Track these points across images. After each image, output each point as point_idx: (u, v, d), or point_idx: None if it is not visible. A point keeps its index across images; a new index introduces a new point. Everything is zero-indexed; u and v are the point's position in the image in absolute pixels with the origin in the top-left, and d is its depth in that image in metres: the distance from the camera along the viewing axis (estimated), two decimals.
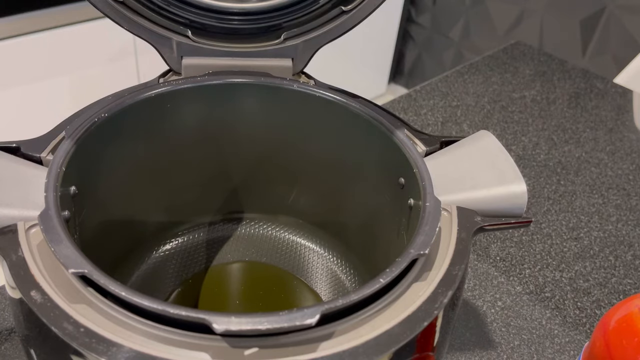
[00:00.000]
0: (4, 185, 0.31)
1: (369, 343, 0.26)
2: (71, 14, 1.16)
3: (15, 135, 0.56)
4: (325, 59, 0.82)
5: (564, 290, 0.54)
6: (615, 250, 0.59)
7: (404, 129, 0.39)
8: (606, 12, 1.45)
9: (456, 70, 0.88)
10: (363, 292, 0.27)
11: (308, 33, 0.43)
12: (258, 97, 0.43)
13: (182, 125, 0.43)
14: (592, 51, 1.51)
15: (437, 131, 0.74)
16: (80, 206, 0.36)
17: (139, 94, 0.39)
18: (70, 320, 0.26)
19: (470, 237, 0.33)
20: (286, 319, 0.25)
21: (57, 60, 1.19)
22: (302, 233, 0.51)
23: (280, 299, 0.46)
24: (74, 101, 1.25)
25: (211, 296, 0.46)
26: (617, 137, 0.76)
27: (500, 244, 0.58)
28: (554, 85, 0.86)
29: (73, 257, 0.27)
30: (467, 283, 0.54)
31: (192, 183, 0.47)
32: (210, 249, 0.49)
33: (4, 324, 0.45)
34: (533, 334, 0.49)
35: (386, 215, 0.41)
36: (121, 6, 0.39)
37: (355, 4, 0.41)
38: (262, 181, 0.48)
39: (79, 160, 0.35)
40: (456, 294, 0.30)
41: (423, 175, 0.35)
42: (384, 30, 1.86)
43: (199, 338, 0.25)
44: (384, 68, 1.99)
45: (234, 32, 0.42)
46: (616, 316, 0.35)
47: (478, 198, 0.35)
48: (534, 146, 0.73)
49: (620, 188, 0.67)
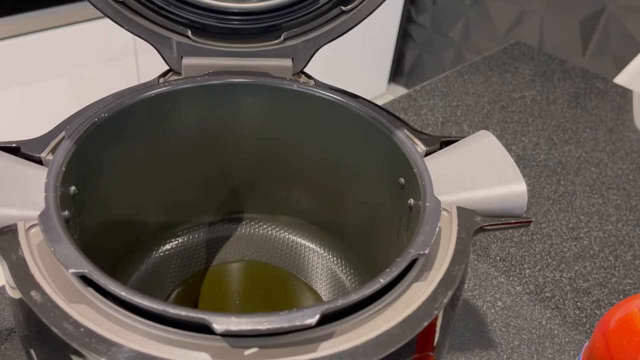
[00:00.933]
0: (4, 185, 0.31)
1: (369, 343, 0.26)
2: (71, 14, 1.16)
3: (15, 135, 0.56)
4: (325, 59, 0.82)
5: (564, 290, 0.54)
6: (615, 250, 0.59)
7: (404, 129, 0.39)
8: (606, 12, 1.45)
9: (456, 70, 0.88)
10: (363, 292, 0.27)
11: (308, 33, 0.43)
12: (258, 97, 0.43)
13: (182, 125, 0.43)
14: (592, 51, 1.51)
15: (437, 131, 0.74)
16: (80, 206, 0.36)
17: (139, 94, 0.39)
18: (70, 320, 0.26)
19: (470, 237, 0.33)
20: (286, 319, 0.25)
21: (57, 60, 1.19)
22: (302, 233, 0.51)
23: (280, 299, 0.46)
24: (74, 101, 1.25)
25: (211, 296, 0.46)
26: (617, 137, 0.76)
27: (500, 244, 0.58)
28: (554, 85, 0.86)
29: (73, 257, 0.27)
30: (467, 283, 0.54)
31: (192, 183, 0.47)
32: (210, 248, 0.49)
33: (4, 324, 0.45)
34: (533, 334, 0.49)
35: (386, 215, 0.41)
36: (121, 6, 0.39)
37: (355, 4, 0.41)
38: (262, 181, 0.48)
39: (79, 160, 0.35)
40: (456, 294, 0.30)
41: (423, 175, 0.35)
42: (384, 30, 1.86)
43: (199, 338, 0.25)
44: (384, 68, 1.99)
45: (234, 32, 0.42)
46: (616, 316, 0.35)
47: (478, 198, 0.35)
48: (534, 146, 0.73)
49: (620, 188, 0.67)
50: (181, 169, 0.45)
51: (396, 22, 1.89)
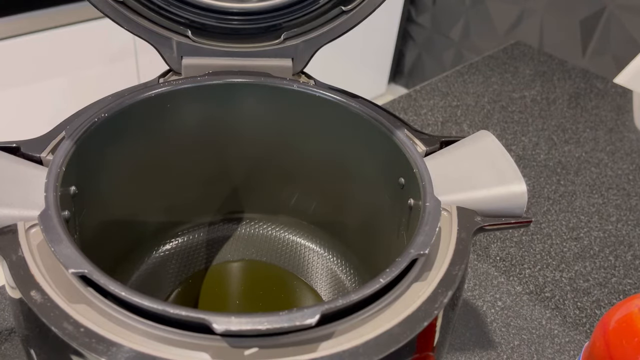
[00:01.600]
0: (4, 185, 0.31)
1: (369, 343, 0.26)
2: (71, 14, 1.16)
3: (15, 135, 0.56)
4: (325, 59, 0.82)
5: (564, 290, 0.54)
6: (615, 250, 0.59)
7: (404, 129, 0.39)
8: (606, 12, 1.45)
9: (456, 70, 0.88)
10: (363, 292, 0.27)
11: (308, 33, 0.43)
12: (258, 97, 0.43)
13: (182, 125, 0.43)
14: (592, 51, 1.51)
15: (437, 131, 0.74)
16: (80, 206, 0.36)
17: (139, 94, 0.39)
18: (70, 320, 0.26)
19: (470, 237, 0.33)
20: (286, 319, 0.25)
21: (57, 60, 1.19)
22: (302, 233, 0.51)
23: (280, 298, 0.46)
24: (74, 101, 1.25)
25: (211, 296, 0.46)
26: (617, 137, 0.76)
27: (500, 244, 0.58)
28: (554, 85, 0.86)
29: (73, 257, 0.27)
30: (467, 283, 0.54)
31: (192, 183, 0.47)
32: (210, 248, 0.49)
33: (4, 324, 0.45)
34: (533, 334, 0.49)
35: (386, 215, 0.41)
36: (121, 6, 0.39)
37: (355, 4, 0.41)
38: (262, 181, 0.48)
39: (79, 160, 0.35)
40: (456, 294, 0.30)
41: (423, 175, 0.35)
42: (384, 30, 1.86)
43: (199, 338, 0.25)
44: (384, 68, 1.99)
45: (234, 32, 0.42)
46: (616, 316, 0.35)
47: (478, 198, 0.35)
48: (534, 146, 0.73)
49: (620, 188, 0.67)
50: (181, 169, 0.45)
51: (396, 22, 1.89)
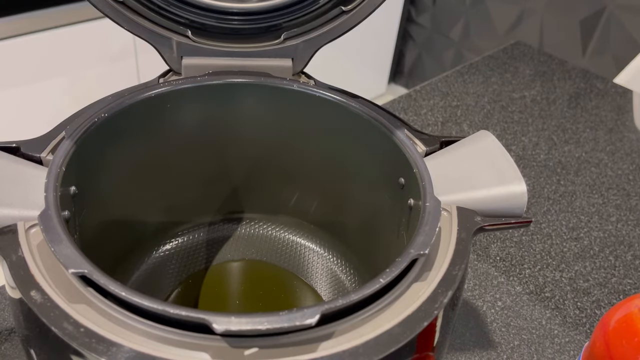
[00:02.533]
0: (4, 185, 0.31)
1: (369, 343, 0.26)
2: (71, 14, 1.16)
3: (15, 135, 0.56)
4: (325, 59, 0.81)
5: (564, 290, 0.54)
6: (615, 250, 0.59)
7: (404, 129, 0.39)
8: (606, 12, 1.45)
9: (456, 70, 0.88)
10: (363, 292, 0.27)
11: (308, 33, 0.43)
12: (258, 97, 0.43)
13: (182, 126, 0.43)
14: (592, 51, 1.51)
15: (437, 131, 0.74)
16: (80, 206, 0.36)
17: (139, 94, 0.39)
18: (70, 320, 0.26)
19: (470, 237, 0.33)
20: (286, 319, 0.25)
21: (57, 60, 1.19)
22: (302, 233, 0.51)
23: (280, 298, 0.46)
24: (74, 101, 1.25)
25: (211, 296, 0.46)
26: (617, 137, 0.76)
27: (500, 244, 0.58)
28: (554, 85, 0.86)
29: (73, 257, 0.27)
30: (467, 283, 0.54)
31: (192, 183, 0.47)
32: (210, 249, 0.49)
33: (4, 324, 0.45)
34: (533, 334, 0.49)
35: (386, 215, 0.41)
36: (121, 6, 0.39)
37: (355, 4, 0.41)
38: (262, 181, 0.48)
39: (79, 160, 0.35)
40: (456, 294, 0.30)
41: (423, 175, 0.35)
42: (384, 30, 1.86)
43: (198, 338, 0.25)
44: (384, 68, 1.99)
45: (234, 32, 0.42)
46: (616, 316, 0.35)
47: (478, 198, 0.35)
48: (534, 146, 0.73)
49: (620, 188, 0.67)
50: (181, 169, 0.45)
51: (396, 22, 1.89)
